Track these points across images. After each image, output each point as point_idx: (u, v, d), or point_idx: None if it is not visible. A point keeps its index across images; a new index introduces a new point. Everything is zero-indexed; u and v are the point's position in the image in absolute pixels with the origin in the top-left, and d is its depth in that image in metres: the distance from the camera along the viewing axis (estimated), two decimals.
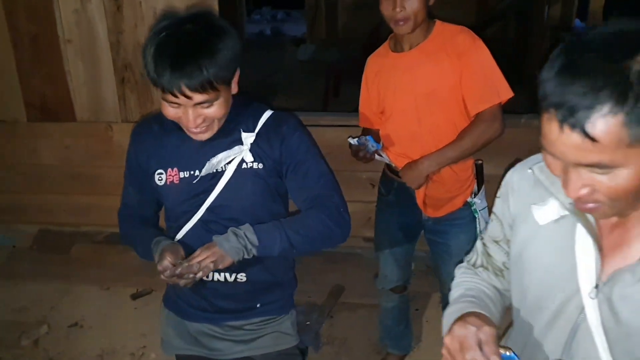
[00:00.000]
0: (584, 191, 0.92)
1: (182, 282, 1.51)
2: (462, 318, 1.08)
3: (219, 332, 1.78)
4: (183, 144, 1.64)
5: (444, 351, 1.06)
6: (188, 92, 1.44)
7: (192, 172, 1.63)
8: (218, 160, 1.61)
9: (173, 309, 1.83)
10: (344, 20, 8.32)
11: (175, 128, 1.64)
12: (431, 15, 2.25)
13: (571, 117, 0.84)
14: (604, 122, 0.83)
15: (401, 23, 2.13)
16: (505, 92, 2.16)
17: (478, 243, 1.39)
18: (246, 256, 1.54)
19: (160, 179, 1.66)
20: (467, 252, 1.45)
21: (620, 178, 0.88)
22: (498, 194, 1.27)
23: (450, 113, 2.24)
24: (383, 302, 2.80)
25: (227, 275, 1.70)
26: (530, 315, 1.17)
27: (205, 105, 1.50)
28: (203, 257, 1.50)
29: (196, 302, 1.75)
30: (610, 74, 0.82)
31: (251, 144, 1.62)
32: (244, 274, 1.70)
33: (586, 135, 0.84)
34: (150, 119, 1.74)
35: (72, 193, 3.79)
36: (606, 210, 0.95)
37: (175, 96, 1.45)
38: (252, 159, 1.62)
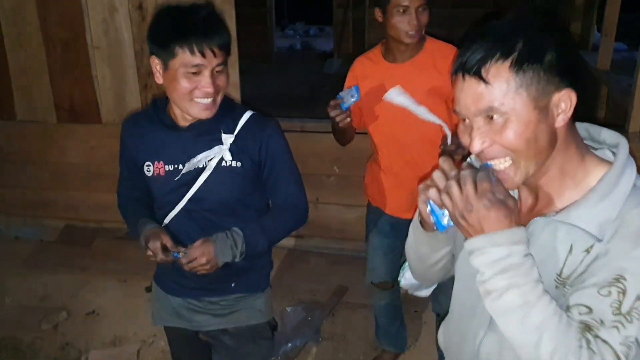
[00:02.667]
0: (485, 144, 1.08)
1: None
2: None
3: (198, 306, 1.97)
4: (169, 140, 1.80)
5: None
6: (216, 49, 1.63)
7: (176, 166, 1.80)
8: (199, 160, 1.78)
9: (161, 285, 2.03)
10: (371, 35, 8.47)
11: (162, 124, 1.81)
12: None
13: (471, 66, 1.04)
14: (495, 67, 1.03)
15: (412, 33, 2.25)
16: None
17: None
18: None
19: (148, 170, 1.83)
20: None
21: (512, 128, 1.04)
22: None
23: (436, 127, 2.31)
24: (375, 300, 2.88)
25: None
26: (465, 289, 1.31)
27: (220, 70, 1.67)
28: (199, 262, 1.71)
29: (179, 279, 1.93)
30: (500, 37, 1.03)
31: (230, 143, 1.79)
32: None
33: (481, 78, 1.03)
34: (138, 114, 1.93)
35: (96, 191, 4.00)
36: (519, 167, 1.09)
37: (203, 54, 1.61)
38: (231, 158, 1.79)
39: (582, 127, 1.21)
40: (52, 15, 3.67)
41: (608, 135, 1.19)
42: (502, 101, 1.03)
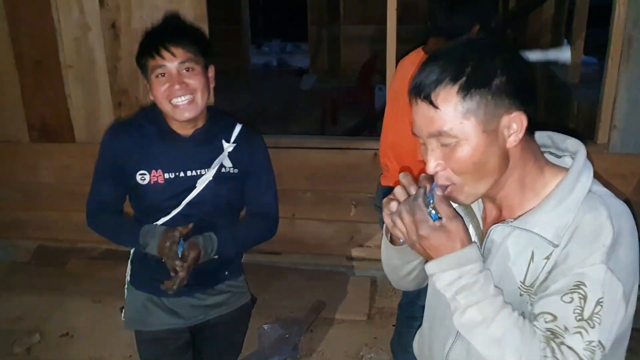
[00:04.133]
0: (439, 167, 1.11)
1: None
2: None
3: (195, 302, 2.05)
4: (167, 148, 1.90)
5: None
6: (174, 49, 1.77)
7: (177, 174, 1.90)
8: (216, 164, 1.92)
9: (149, 290, 2.03)
10: (345, 52, 8.57)
11: (157, 133, 1.89)
12: None
13: (422, 91, 1.07)
14: (444, 92, 1.06)
15: None
16: None
17: None
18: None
19: (142, 179, 1.88)
20: None
21: (462, 152, 1.08)
22: None
23: None
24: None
25: None
26: (435, 297, 1.33)
27: (186, 68, 1.79)
28: (192, 257, 1.82)
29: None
30: (451, 61, 1.07)
31: (229, 151, 1.94)
32: None
33: (431, 103, 1.06)
34: (126, 123, 1.99)
35: (69, 210, 3.95)
36: (463, 190, 1.13)
37: (161, 55, 1.76)
38: (230, 165, 1.94)
39: (546, 135, 1.26)
40: (24, 33, 3.64)
41: (570, 143, 1.23)
42: (451, 126, 1.07)
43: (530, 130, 1.13)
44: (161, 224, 1.91)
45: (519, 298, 1.13)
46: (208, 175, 1.90)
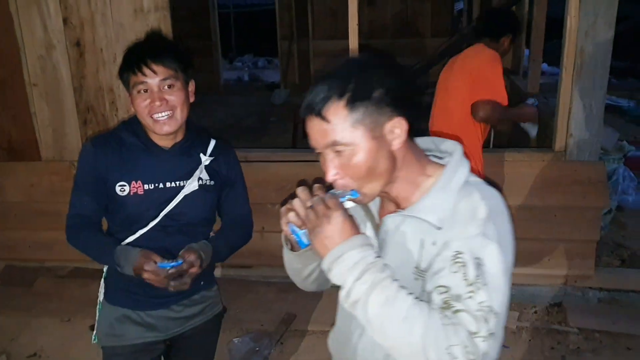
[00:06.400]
0: (337, 176, 1.24)
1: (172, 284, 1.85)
2: None
3: (171, 314, 2.06)
4: (147, 160, 1.93)
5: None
6: (154, 66, 1.82)
7: (156, 185, 1.93)
8: (194, 177, 1.97)
9: (125, 304, 2.03)
10: (316, 66, 8.65)
11: (136, 147, 1.93)
12: None
13: (314, 108, 1.20)
14: (333, 107, 1.19)
15: None
16: None
17: None
18: None
19: (122, 190, 1.91)
20: None
21: (357, 158, 1.21)
22: None
23: None
24: None
25: None
26: None
27: (167, 85, 1.84)
28: (194, 266, 1.86)
29: (154, 291, 1.96)
30: (336, 79, 1.22)
31: (206, 164, 2.00)
32: None
33: (323, 118, 1.20)
34: (107, 135, 1.99)
35: (37, 229, 3.92)
36: (362, 192, 1.26)
37: (143, 72, 1.81)
38: (207, 177, 2.00)
39: (429, 140, 1.41)
40: None
41: (448, 145, 1.38)
42: (342, 135, 1.20)
43: (412, 135, 1.28)
44: (138, 236, 1.94)
45: (414, 282, 1.23)
46: (187, 187, 1.95)
